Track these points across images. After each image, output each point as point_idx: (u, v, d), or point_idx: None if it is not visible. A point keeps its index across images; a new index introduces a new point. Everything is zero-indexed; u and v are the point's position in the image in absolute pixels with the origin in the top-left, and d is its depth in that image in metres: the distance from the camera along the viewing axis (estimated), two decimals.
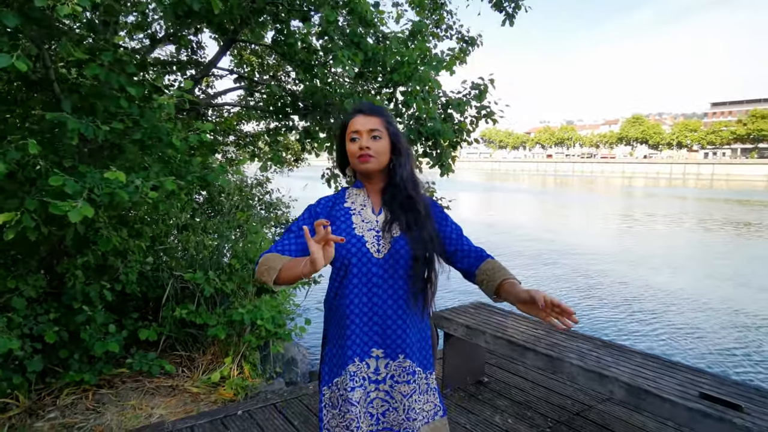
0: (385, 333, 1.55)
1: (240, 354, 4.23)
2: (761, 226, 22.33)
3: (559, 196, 40.63)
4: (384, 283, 1.54)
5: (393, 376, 1.57)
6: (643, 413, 3.23)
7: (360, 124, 1.54)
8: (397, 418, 1.56)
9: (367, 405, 1.56)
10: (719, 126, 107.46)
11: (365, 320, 1.55)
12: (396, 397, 1.56)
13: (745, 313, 9.07)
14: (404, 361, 1.56)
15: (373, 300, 1.54)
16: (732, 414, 2.11)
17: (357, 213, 1.59)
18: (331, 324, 1.64)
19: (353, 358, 1.54)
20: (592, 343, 2.90)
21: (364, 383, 1.56)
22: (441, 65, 4.60)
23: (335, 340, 1.60)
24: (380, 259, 1.53)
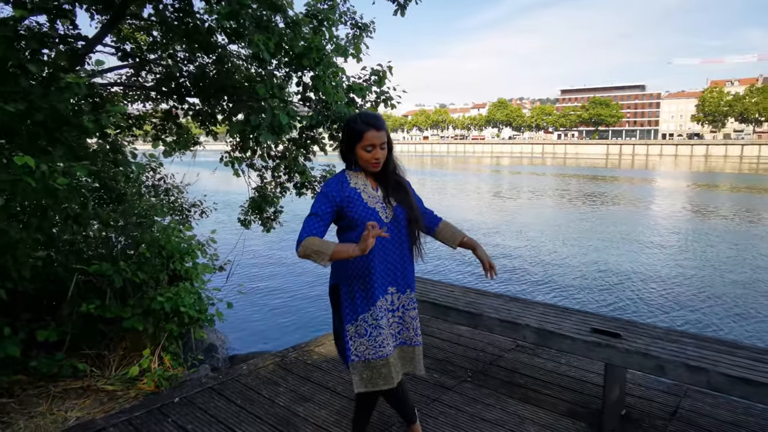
0: (395, 275, 2.14)
1: (160, 345, 4.12)
2: (606, 197, 25.74)
3: (438, 175, 42.85)
4: (393, 238, 2.11)
5: (404, 305, 2.19)
6: (541, 356, 3.80)
7: (375, 138, 2.03)
8: (408, 335, 2.21)
9: (389, 328, 2.14)
10: (568, 111, 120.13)
11: (382, 266, 2.10)
12: (406, 320, 2.19)
13: (606, 264, 10.61)
14: (410, 293, 2.20)
15: (387, 252, 2.11)
16: (615, 341, 2.65)
17: (363, 191, 2.10)
18: (349, 274, 2.09)
19: (379, 296, 2.08)
20: (501, 299, 3.36)
21: (386, 313, 2.13)
22: (348, 52, 4.76)
23: (356, 286, 2.08)
24: (388, 222, 2.10)
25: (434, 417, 2.94)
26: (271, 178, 6.73)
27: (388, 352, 2.08)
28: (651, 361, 2.47)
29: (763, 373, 2.28)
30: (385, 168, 2.13)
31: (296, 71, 4.84)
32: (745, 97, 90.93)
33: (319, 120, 5.18)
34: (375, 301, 2.06)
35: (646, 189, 31.81)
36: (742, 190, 30.54)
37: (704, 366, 2.34)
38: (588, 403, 3.08)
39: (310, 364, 3.68)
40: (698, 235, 14.88)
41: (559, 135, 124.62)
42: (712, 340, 2.70)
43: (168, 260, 4.57)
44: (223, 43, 5.31)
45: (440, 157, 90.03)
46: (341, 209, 2.05)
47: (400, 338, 2.19)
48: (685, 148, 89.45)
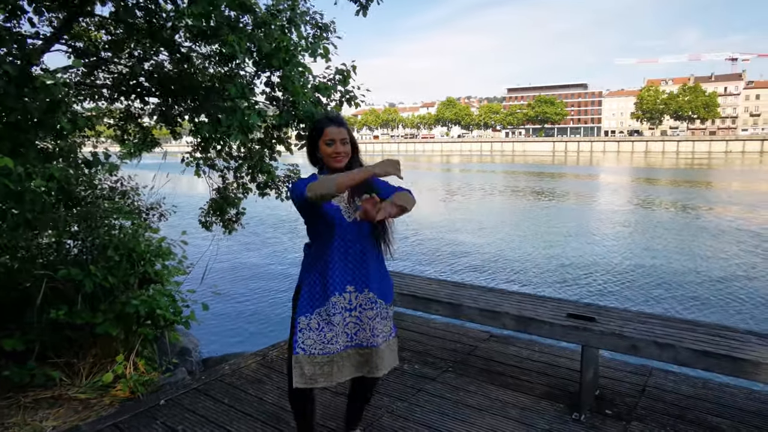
0: (354, 273, 2.14)
1: (134, 349, 4.04)
2: (556, 193, 26.72)
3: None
4: (354, 238, 2.12)
5: (361, 304, 2.16)
6: (514, 345, 3.98)
7: (334, 133, 2.10)
8: (365, 336, 2.16)
9: (344, 327, 2.14)
10: (515, 109, 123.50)
11: (341, 265, 2.12)
12: (363, 320, 2.16)
13: (566, 257, 11.08)
14: (368, 293, 2.16)
15: (348, 250, 2.12)
16: (589, 324, 2.84)
17: None
18: (311, 269, 2.16)
19: (334, 293, 2.11)
20: (479, 290, 3.52)
21: (342, 311, 2.13)
22: (317, 52, 4.80)
23: (316, 281, 2.13)
24: (351, 221, 2.11)
25: (421, 406, 3.05)
26: (233, 178, 6.66)
27: (336, 349, 2.10)
28: (625, 341, 2.67)
29: (721, 346, 2.51)
30: (350, 167, 2.13)
31: (264, 71, 4.83)
32: (678, 96, 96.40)
33: (286, 119, 5.19)
34: (329, 296, 2.09)
35: (592, 184, 33.23)
36: (680, 184, 32.41)
37: (671, 343, 2.56)
38: (563, 386, 3.27)
39: None
40: (644, 227, 15.74)
41: (506, 133, 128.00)
42: (674, 319, 2.94)
43: (137, 263, 4.48)
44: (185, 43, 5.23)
45: (390, 156, 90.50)
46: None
47: (357, 339, 2.16)
48: (627, 144, 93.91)
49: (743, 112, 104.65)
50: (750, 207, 20.06)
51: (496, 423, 2.84)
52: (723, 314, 7.65)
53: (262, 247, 12.57)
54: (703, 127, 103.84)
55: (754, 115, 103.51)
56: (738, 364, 2.38)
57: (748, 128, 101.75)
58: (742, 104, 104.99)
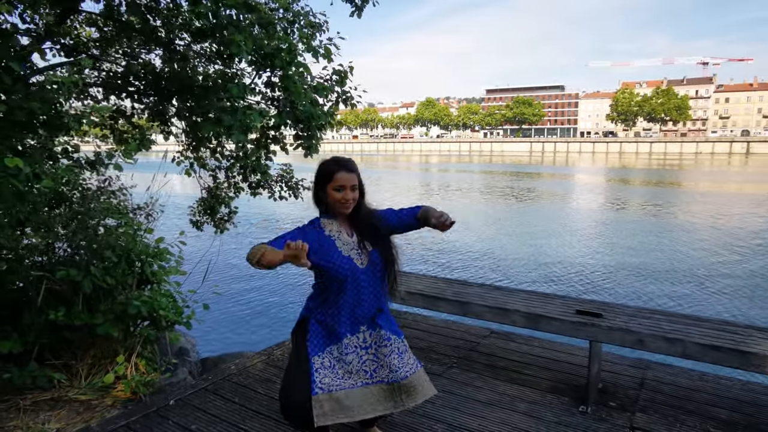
0: (367, 315, 2.16)
1: (135, 350, 3.99)
2: (536, 193, 27.11)
3: (368, 173, 43.18)
4: (367, 283, 2.13)
5: (376, 342, 2.18)
6: (514, 341, 4.07)
7: (345, 180, 2.05)
8: (383, 373, 2.16)
9: (361, 365, 2.16)
10: (493, 110, 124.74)
11: (354, 309, 2.13)
12: (380, 357, 2.17)
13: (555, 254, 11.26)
14: (381, 331, 2.17)
15: (360, 296, 2.12)
16: (597, 320, 2.93)
17: (337, 238, 2.11)
18: (319, 308, 2.16)
19: (346, 334, 2.14)
20: (485, 288, 3.58)
21: (357, 350, 2.16)
22: (318, 52, 4.81)
23: (326, 322, 2.14)
24: (364, 268, 2.11)
25: (431, 401, 3.07)
26: (224, 178, 6.62)
27: (352, 385, 2.10)
28: (632, 336, 2.76)
29: (727, 340, 2.63)
30: (357, 212, 2.12)
31: (265, 70, 4.82)
32: (652, 98, 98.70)
33: (285, 120, 5.19)
34: (342, 337, 2.11)
35: (570, 184, 33.82)
36: (652, 184, 33.21)
37: (680, 337, 2.66)
38: (566, 380, 3.36)
39: None
40: (621, 225, 16.11)
41: (485, 133, 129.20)
42: (678, 315, 3.05)
43: (135, 263, 4.43)
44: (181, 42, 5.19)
45: (370, 156, 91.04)
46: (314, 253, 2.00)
47: (376, 377, 2.15)
48: (602, 145, 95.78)
49: (713, 114, 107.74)
50: (721, 206, 20.69)
51: (507, 417, 2.90)
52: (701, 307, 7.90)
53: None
54: (675, 129, 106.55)
55: (724, 117, 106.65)
56: (746, 358, 2.49)
57: (717, 130, 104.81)
58: (712, 107, 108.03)
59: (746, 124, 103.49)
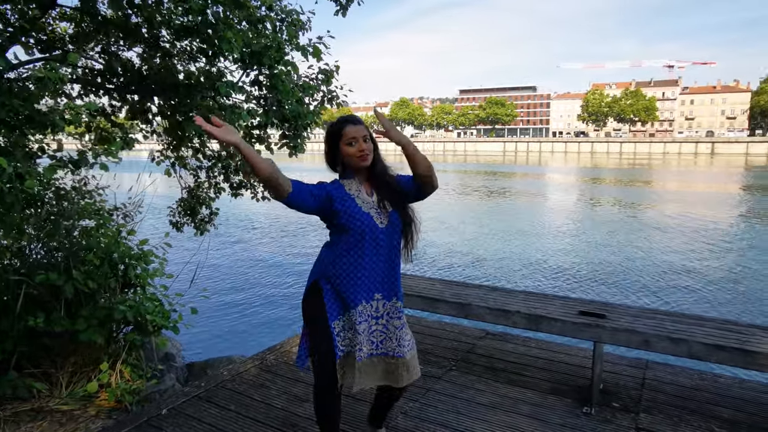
0: (384, 282, 2.10)
1: (120, 357, 3.83)
2: (511, 192, 27.40)
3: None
4: (386, 244, 2.08)
5: (388, 312, 2.14)
6: (510, 342, 4.04)
7: (355, 131, 2.03)
8: (390, 345, 2.14)
9: (369, 335, 2.11)
10: (466, 110, 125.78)
11: (371, 272, 2.06)
12: (390, 329, 2.14)
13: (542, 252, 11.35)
14: (396, 302, 2.15)
15: (379, 258, 2.06)
16: (600, 321, 2.91)
17: (357, 197, 2.07)
18: (333, 271, 2.07)
19: (361, 301, 2.06)
20: (483, 289, 3.54)
21: (368, 319, 2.10)
22: (307, 51, 4.70)
23: (340, 285, 2.06)
24: (384, 227, 2.06)
25: (434, 405, 3.03)
26: (205, 178, 6.46)
27: (360, 356, 2.05)
28: (637, 336, 2.75)
29: (731, 340, 2.63)
30: (374, 168, 2.10)
31: (253, 69, 4.69)
32: (621, 100, 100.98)
33: (272, 119, 5.07)
34: (357, 303, 2.05)
35: (544, 184, 34.28)
36: (625, 183, 33.95)
37: (684, 338, 2.66)
38: (567, 381, 3.34)
39: (292, 364, 3.61)
40: (598, 224, 16.38)
41: (458, 133, 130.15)
42: (680, 315, 3.06)
43: (117, 266, 4.26)
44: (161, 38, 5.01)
45: None
46: (332, 204, 2.00)
47: (382, 348, 2.13)
48: (573, 145, 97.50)
49: (679, 116, 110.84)
50: (691, 205, 21.25)
51: (511, 420, 2.86)
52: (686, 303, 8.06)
53: (255, 248, 12.30)
54: (644, 130, 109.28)
55: (689, 118, 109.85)
56: (751, 357, 2.50)
57: (683, 131, 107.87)
58: (678, 108, 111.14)
59: (710, 125, 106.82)
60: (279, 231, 14.73)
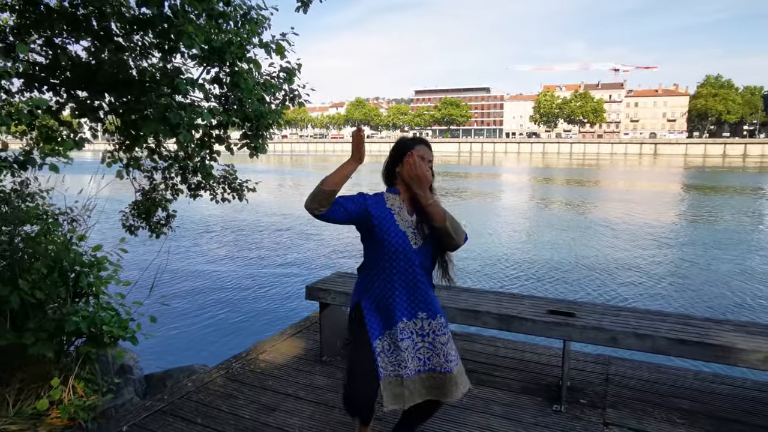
0: (425, 301, 2.13)
1: (73, 371, 3.62)
2: (468, 192, 27.82)
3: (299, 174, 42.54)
4: (420, 266, 2.09)
5: (434, 331, 2.15)
6: (478, 342, 4.07)
7: (425, 153, 2.11)
8: (438, 361, 2.15)
9: (416, 352, 2.14)
10: (422, 110, 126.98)
11: (408, 292, 2.09)
12: (437, 346, 2.15)
13: (488, 253, 11.53)
14: (440, 319, 2.17)
15: (415, 278, 2.08)
16: (570, 320, 2.97)
17: (397, 213, 2.10)
18: (370, 292, 2.13)
19: (402, 318, 2.10)
20: (454, 290, 3.54)
21: (412, 336, 2.13)
22: (270, 49, 4.59)
23: (379, 306, 2.11)
24: (417, 248, 2.08)
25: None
26: (161, 179, 6.22)
27: (407, 374, 2.08)
28: (605, 334, 2.82)
29: (692, 334, 2.74)
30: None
31: (213, 66, 4.53)
32: (571, 101, 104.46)
33: (233, 118, 4.93)
34: (397, 321, 2.08)
35: (498, 184, 35.01)
36: (575, 183, 35.10)
37: (649, 333, 2.74)
38: (536, 380, 3.39)
39: (260, 372, 3.51)
40: (552, 223, 16.84)
41: (414, 134, 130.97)
42: (643, 311, 3.16)
43: (68, 274, 4.03)
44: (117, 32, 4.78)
45: (300, 156, 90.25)
46: (369, 220, 2.05)
47: (430, 365, 2.15)
48: (526, 145, 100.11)
49: (625, 117, 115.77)
50: (638, 204, 22.20)
51: (485, 421, 2.88)
52: (638, 298, 8.39)
53: (217, 251, 11.92)
54: (592, 131, 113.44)
55: (634, 120, 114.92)
56: (710, 350, 2.60)
57: (629, 132, 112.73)
58: (623, 110, 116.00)
59: (653, 127, 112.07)
60: (239, 233, 14.39)
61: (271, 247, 12.65)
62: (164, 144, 5.72)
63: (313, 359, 3.73)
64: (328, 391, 3.24)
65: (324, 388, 3.28)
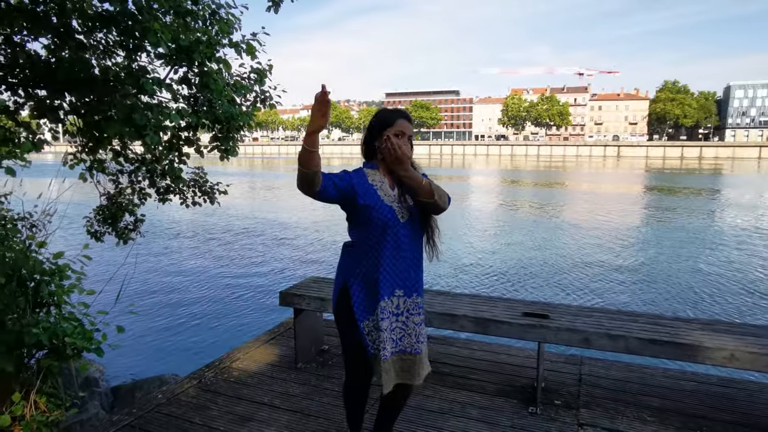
0: (404, 277, 2.07)
1: (35, 385, 3.46)
2: None
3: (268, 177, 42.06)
4: (407, 239, 2.06)
5: (409, 309, 2.11)
6: (453, 345, 4.08)
7: (406, 128, 2.07)
8: (410, 342, 2.11)
9: (391, 332, 2.07)
10: None
11: (392, 268, 2.04)
12: (410, 325, 2.11)
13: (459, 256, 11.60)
14: (416, 298, 2.12)
15: (400, 253, 2.04)
16: (544, 321, 3.00)
17: (379, 188, 2.06)
18: (356, 270, 2.07)
19: (384, 297, 2.04)
20: (429, 294, 3.53)
21: (389, 316, 2.06)
22: (240, 47, 4.51)
23: (365, 283, 2.06)
24: (404, 222, 2.05)
25: None
26: (128, 183, 6.05)
27: (383, 355, 2.02)
28: (578, 335, 2.85)
29: (663, 334, 2.80)
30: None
31: (181, 65, 4.42)
32: (538, 105, 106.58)
33: (202, 120, 4.82)
34: (379, 300, 2.03)
35: (468, 186, 35.37)
36: (542, 185, 35.76)
37: (622, 334, 2.79)
38: (511, 382, 3.42)
39: (234, 381, 3.43)
40: (519, 225, 17.11)
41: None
42: (615, 311, 3.22)
43: (27, 284, 3.86)
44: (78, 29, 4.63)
45: (271, 159, 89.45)
46: (354, 198, 2.01)
47: (401, 345, 2.09)
48: (495, 148, 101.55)
49: (589, 120, 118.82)
50: (603, 204, 22.77)
51: (462, 425, 2.87)
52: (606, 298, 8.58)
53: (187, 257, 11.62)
54: (558, 134, 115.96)
55: (598, 123, 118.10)
56: (681, 349, 2.66)
57: (593, 135, 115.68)
58: (588, 114, 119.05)
59: (616, 130, 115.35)
60: (211, 237, 14.12)
61: (244, 251, 12.45)
62: (130, 146, 5.56)
63: (288, 366, 3.66)
64: (303, 398, 3.19)
65: (299, 396, 3.22)
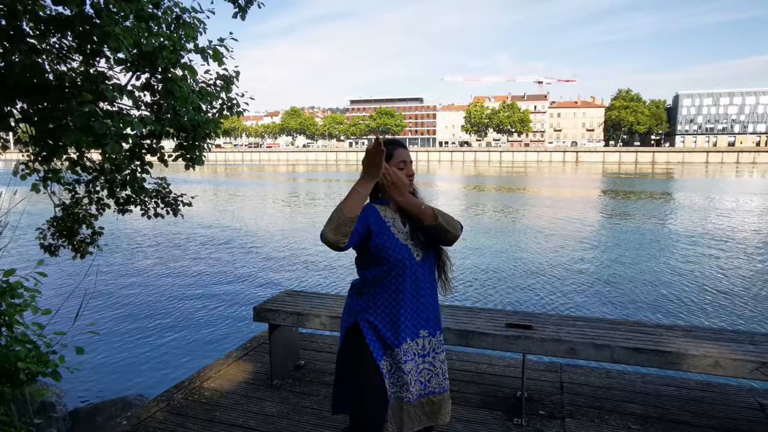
0: (428, 317, 1.98)
1: None
2: None
3: (233, 185, 41.34)
4: (425, 277, 1.96)
5: (434, 349, 2.01)
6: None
7: (405, 155, 1.98)
8: (438, 381, 2.01)
9: (418, 375, 1.95)
10: (357, 120, 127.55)
11: (415, 309, 1.94)
12: (436, 365, 2.01)
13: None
14: (439, 336, 2.04)
15: (419, 293, 1.94)
16: (528, 332, 2.95)
17: (392, 225, 1.95)
18: (372, 312, 1.92)
19: (406, 339, 1.92)
20: None
21: (414, 357, 1.95)
22: (206, 53, 4.33)
23: (382, 324, 1.91)
24: (420, 261, 1.95)
25: None
26: (85, 193, 5.75)
27: (409, 398, 1.91)
28: (564, 345, 2.82)
29: (647, 342, 2.79)
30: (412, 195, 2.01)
31: (144, 71, 4.22)
32: (499, 112, 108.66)
33: (166, 128, 4.61)
34: (402, 342, 1.90)
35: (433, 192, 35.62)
36: (505, 190, 36.39)
37: (607, 343, 2.76)
38: (493, 393, 3.36)
39: (206, 402, 3.24)
40: (485, 229, 17.28)
41: (350, 143, 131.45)
42: (597, 320, 3.20)
43: None
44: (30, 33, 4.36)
45: (235, 166, 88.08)
46: (370, 236, 1.87)
47: (429, 387, 1.98)
48: (458, 154, 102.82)
49: (549, 127, 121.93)
50: (564, 209, 23.30)
51: None
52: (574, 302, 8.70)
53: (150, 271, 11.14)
54: (520, 140, 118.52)
55: (557, 130, 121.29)
56: (665, 357, 2.66)
57: (553, 141, 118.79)
58: (547, 121, 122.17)
59: (574, 136, 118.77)
60: (175, 248, 13.63)
61: (211, 262, 12.06)
62: (87, 155, 5.28)
63: (263, 384, 3.50)
64: (281, 418, 3.04)
65: (277, 416, 3.07)
